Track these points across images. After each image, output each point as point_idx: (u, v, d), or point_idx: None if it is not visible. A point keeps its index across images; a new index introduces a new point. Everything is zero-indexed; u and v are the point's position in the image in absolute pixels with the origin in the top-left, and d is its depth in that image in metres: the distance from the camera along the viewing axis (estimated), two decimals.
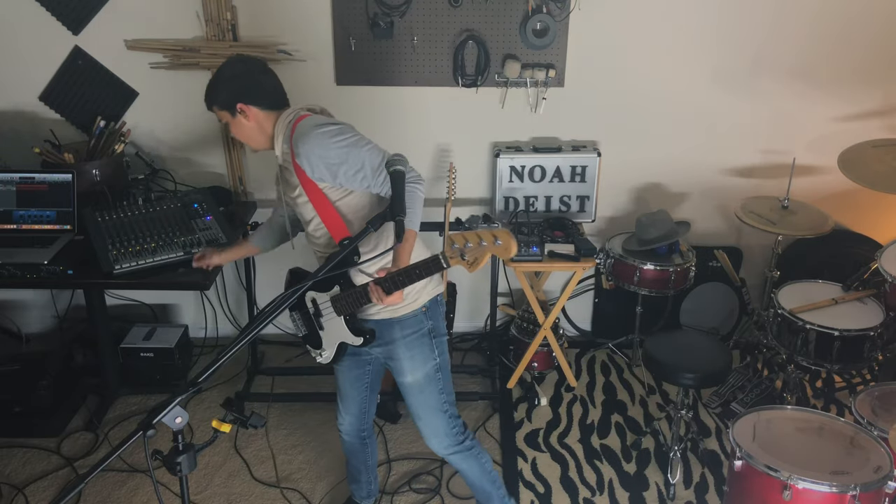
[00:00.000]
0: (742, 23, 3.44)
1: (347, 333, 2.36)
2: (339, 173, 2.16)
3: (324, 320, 2.41)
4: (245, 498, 3.05)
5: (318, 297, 2.39)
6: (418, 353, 2.41)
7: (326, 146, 2.14)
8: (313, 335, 2.48)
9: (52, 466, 3.20)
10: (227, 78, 2.27)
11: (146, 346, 3.62)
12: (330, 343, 2.44)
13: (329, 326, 2.41)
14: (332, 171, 2.16)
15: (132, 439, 1.56)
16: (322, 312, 2.40)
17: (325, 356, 2.48)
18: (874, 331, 3.01)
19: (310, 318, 2.45)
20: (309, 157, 2.15)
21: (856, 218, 3.77)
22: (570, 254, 3.37)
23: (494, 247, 1.90)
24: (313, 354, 2.54)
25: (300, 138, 2.17)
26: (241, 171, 3.67)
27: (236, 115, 2.26)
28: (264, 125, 2.29)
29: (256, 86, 2.26)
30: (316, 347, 2.50)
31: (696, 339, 3.18)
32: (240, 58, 2.36)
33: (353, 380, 2.60)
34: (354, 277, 2.29)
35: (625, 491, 3.07)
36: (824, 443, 2.49)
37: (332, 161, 2.15)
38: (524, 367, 3.59)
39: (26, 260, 2.94)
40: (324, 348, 2.47)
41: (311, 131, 2.16)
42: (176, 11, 3.39)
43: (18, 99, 3.56)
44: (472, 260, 1.94)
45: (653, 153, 3.68)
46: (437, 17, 3.40)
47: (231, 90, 2.25)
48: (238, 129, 2.30)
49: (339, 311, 2.33)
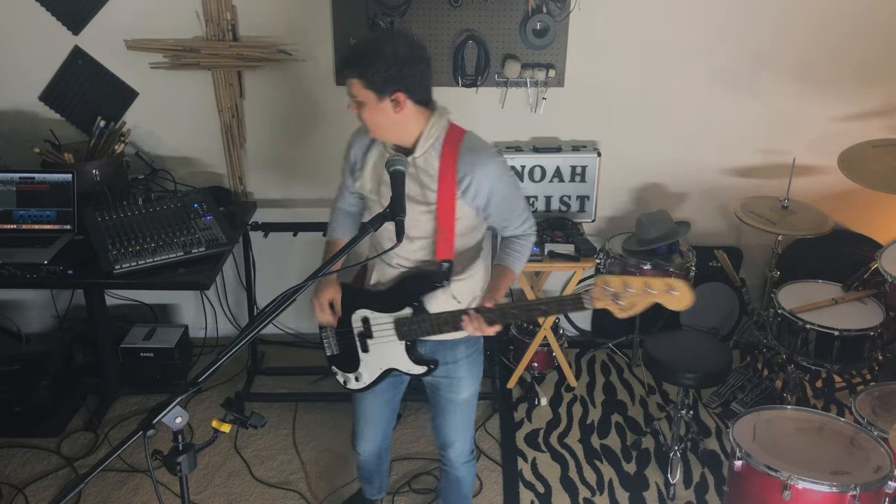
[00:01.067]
0: (742, 23, 3.43)
1: (405, 361, 2.21)
2: (492, 206, 2.09)
3: (372, 342, 2.25)
4: (245, 498, 3.05)
5: (373, 316, 2.21)
6: (476, 369, 2.35)
7: (501, 178, 2.07)
8: (348, 357, 2.30)
9: (52, 466, 3.20)
10: (390, 58, 1.94)
11: (146, 346, 3.62)
12: (372, 368, 2.28)
13: (377, 350, 2.24)
14: (493, 202, 2.08)
15: (132, 439, 1.56)
16: (373, 334, 2.23)
17: (360, 381, 2.30)
18: (874, 331, 3.01)
19: (349, 338, 2.26)
20: (481, 182, 2.04)
21: (856, 218, 3.77)
22: (570, 254, 3.37)
23: (667, 296, 1.80)
24: (340, 378, 2.36)
25: (478, 159, 2.04)
26: (241, 171, 3.67)
27: (384, 100, 1.97)
28: (412, 121, 2.04)
29: (420, 77, 2.00)
30: (348, 370, 2.32)
31: (696, 339, 3.18)
32: (405, 38, 2.01)
33: (382, 404, 2.46)
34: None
35: (625, 491, 3.07)
36: (824, 443, 2.49)
37: (498, 194, 2.07)
38: (524, 367, 3.59)
39: (26, 260, 2.94)
40: (360, 373, 2.29)
41: (491, 158, 2.06)
42: (176, 11, 3.39)
43: (18, 99, 3.56)
44: (628, 305, 1.84)
45: (653, 153, 3.68)
46: (437, 17, 3.40)
47: (393, 74, 1.95)
48: (376, 114, 2.01)
49: (403, 335, 2.18)
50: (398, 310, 2.17)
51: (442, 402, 2.39)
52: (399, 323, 2.18)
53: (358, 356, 2.29)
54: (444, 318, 2.11)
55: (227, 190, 3.63)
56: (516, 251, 2.24)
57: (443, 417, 2.42)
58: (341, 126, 3.58)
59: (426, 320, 2.14)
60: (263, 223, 3.48)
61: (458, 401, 2.36)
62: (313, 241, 3.73)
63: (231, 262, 3.82)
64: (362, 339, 2.26)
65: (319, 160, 3.67)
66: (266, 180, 3.74)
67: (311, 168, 3.70)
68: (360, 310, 2.24)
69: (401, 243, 1.87)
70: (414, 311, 2.15)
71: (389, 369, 2.28)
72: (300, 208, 3.75)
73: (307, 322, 4.01)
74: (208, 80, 3.49)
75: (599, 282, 1.86)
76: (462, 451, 2.49)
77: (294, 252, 3.79)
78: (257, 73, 3.51)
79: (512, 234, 2.24)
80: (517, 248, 2.24)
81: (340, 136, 3.63)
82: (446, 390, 2.34)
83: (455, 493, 2.63)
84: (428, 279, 2.15)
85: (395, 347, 2.22)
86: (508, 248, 2.24)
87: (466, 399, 2.37)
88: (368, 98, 1.98)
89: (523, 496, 3.04)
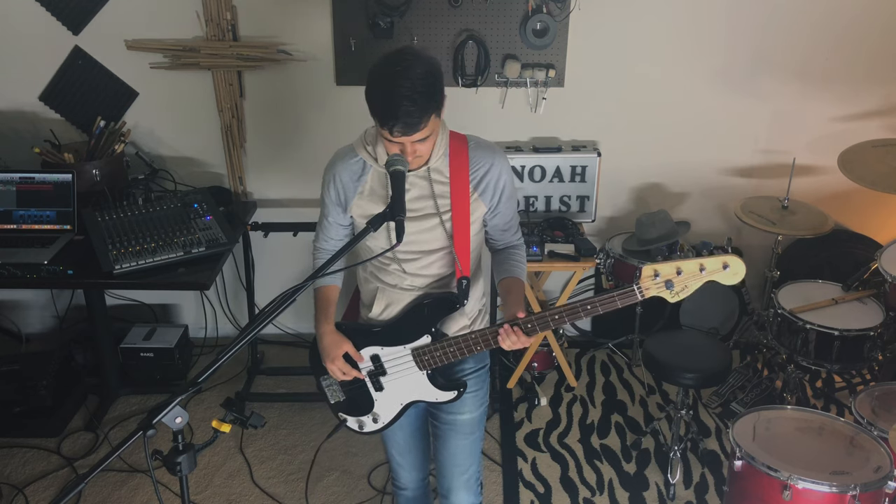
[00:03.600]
0: (742, 23, 3.43)
1: (430, 390, 2.09)
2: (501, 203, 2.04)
3: (387, 379, 2.12)
4: (245, 498, 3.05)
5: (384, 351, 2.09)
6: (482, 389, 2.21)
7: (509, 174, 2.03)
8: (358, 400, 2.17)
9: (52, 466, 3.20)
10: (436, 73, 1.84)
11: (146, 346, 3.62)
12: (390, 405, 2.15)
13: (394, 386, 2.12)
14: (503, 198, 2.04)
15: (132, 439, 1.56)
16: (388, 370, 2.11)
17: (379, 422, 2.17)
18: (874, 331, 3.01)
19: (358, 381, 2.14)
20: (494, 176, 2.00)
21: (856, 218, 3.77)
22: (570, 254, 3.37)
23: (722, 273, 1.81)
24: (354, 424, 2.21)
25: (491, 155, 2.00)
26: (241, 171, 3.67)
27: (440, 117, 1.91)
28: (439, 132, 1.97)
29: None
30: (361, 414, 2.18)
31: (696, 339, 3.17)
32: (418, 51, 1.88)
33: (413, 432, 2.29)
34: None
35: (625, 491, 3.06)
36: (824, 443, 2.49)
37: (507, 191, 2.03)
38: (524, 367, 3.59)
39: (26, 260, 2.95)
40: (376, 413, 2.16)
41: (501, 153, 2.03)
42: (176, 11, 3.39)
43: (18, 99, 3.56)
44: (681, 289, 1.83)
45: (653, 153, 3.68)
46: (437, 17, 3.40)
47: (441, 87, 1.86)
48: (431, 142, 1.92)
49: (426, 364, 2.06)
50: (415, 339, 2.06)
51: (442, 427, 2.22)
52: (419, 353, 2.05)
53: (370, 397, 2.16)
54: (472, 338, 1.99)
55: (227, 190, 3.63)
56: (519, 262, 2.15)
57: (444, 448, 2.24)
58: (341, 126, 3.60)
59: (452, 344, 2.01)
60: (263, 223, 3.48)
61: (460, 423, 2.19)
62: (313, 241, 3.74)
63: (231, 262, 3.82)
64: (374, 377, 2.13)
65: (319, 160, 3.62)
66: (266, 180, 3.74)
67: (311, 168, 3.69)
68: (367, 348, 2.11)
69: (401, 243, 1.83)
70: (433, 338, 2.05)
71: (410, 403, 2.15)
72: (300, 208, 3.75)
73: (307, 322, 4.01)
74: (208, 80, 3.49)
75: (648, 270, 1.82)
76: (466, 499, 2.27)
77: (294, 252, 3.79)
78: (257, 73, 3.51)
79: (508, 245, 2.17)
80: (519, 258, 2.16)
81: (340, 137, 3.64)
82: (447, 410, 2.18)
83: None
84: (445, 301, 2.06)
85: (415, 379, 2.10)
86: (512, 260, 2.15)
87: (469, 422, 2.19)
88: (434, 127, 1.89)
89: (523, 496, 3.04)
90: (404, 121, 1.81)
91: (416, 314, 2.08)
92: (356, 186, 2.04)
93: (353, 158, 2.05)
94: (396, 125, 1.81)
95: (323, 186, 2.11)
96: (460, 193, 1.98)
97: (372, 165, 2.02)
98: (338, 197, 2.08)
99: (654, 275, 1.82)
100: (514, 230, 2.16)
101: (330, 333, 2.11)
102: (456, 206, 1.99)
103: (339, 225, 2.14)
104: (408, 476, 2.39)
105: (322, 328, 2.12)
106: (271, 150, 3.68)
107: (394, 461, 2.38)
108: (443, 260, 2.06)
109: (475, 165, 2.01)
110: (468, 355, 2.03)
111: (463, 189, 1.98)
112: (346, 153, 2.07)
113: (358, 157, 2.04)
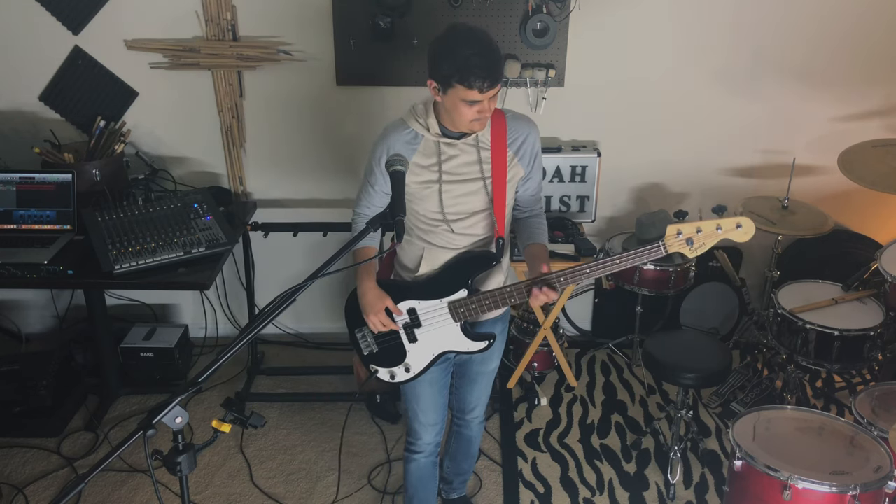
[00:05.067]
0: (742, 23, 3.43)
1: (462, 341, 2.29)
2: (534, 168, 2.28)
3: (421, 331, 2.29)
4: (245, 498, 3.05)
5: (421, 305, 2.26)
6: (504, 341, 2.52)
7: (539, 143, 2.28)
8: (390, 351, 2.32)
9: (52, 466, 3.20)
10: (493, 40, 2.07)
11: (146, 346, 3.62)
12: (423, 356, 2.31)
13: (428, 337, 2.30)
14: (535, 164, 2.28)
15: (132, 439, 1.56)
16: (423, 322, 2.28)
17: (411, 371, 2.33)
18: (874, 331, 3.01)
19: (392, 333, 2.30)
20: (531, 142, 2.23)
21: (856, 218, 3.77)
22: (570, 254, 3.37)
23: (735, 231, 2.04)
24: (385, 375, 2.36)
25: (528, 122, 2.25)
26: (241, 171, 3.67)
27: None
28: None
29: None
30: (393, 365, 2.34)
31: (696, 339, 3.18)
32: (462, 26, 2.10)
33: (440, 388, 2.45)
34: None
35: (625, 491, 3.07)
36: (824, 443, 2.49)
37: (539, 157, 2.28)
38: (524, 367, 3.59)
39: (26, 260, 2.95)
40: (408, 363, 2.33)
41: (533, 123, 2.26)
42: (176, 11, 3.39)
43: (18, 99, 3.56)
44: (699, 245, 2.06)
45: (653, 153, 3.68)
46: (436, 17, 3.39)
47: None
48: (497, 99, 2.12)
49: (461, 316, 2.25)
50: (451, 293, 2.24)
51: (471, 373, 2.52)
52: (455, 305, 2.24)
53: (403, 348, 2.33)
54: (508, 291, 2.19)
55: (227, 190, 3.63)
56: (543, 229, 2.37)
57: (470, 387, 2.56)
58: (341, 126, 3.60)
59: (487, 297, 2.21)
60: (263, 223, 3.48)
61: (488, 372, 2.52)
62: (313, 241, 3.74)
63: (231, 262, 3.82)
64: (409, 330, 2.29)
65: (319, 160, 3.67)
66: (266, 180, 3.74)
67: (311, 168, 3.70)
68: (404, 301, 2.28)
69: (401, 243, 1.91)
70: (469, 292, 2.23)
71: (442, 353, 2.32)
72: (300, 208, 3.75)
73: (307, 322, 4.02)
74: (208, 80, 3.49)
75: (672, 230, 2.05)
76: (480, 413, 2.66)
77: (294, 252, 3.79)
78: (257, 73, 3.51)
79: (532, 213, 2.38)
80: (543, 227, 2.37)
81: (340, 137, 3.65)
82: (479, 364, 2.48)
83: (464, 451, 2.73)
84: (482, 258, 2.26)
85: (449, 330, 2.28)
86: (537, 228, 2.36)
87: (494, 369, 2.54)
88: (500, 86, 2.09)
89: (523, 496, 3.04)
90: (491, 76, 2.00)
91: (455, 269, 2.27)
92: (409, 154, 2.18)
93: (405, 129, 2.21)
94: (486, 80, 1.99)
95: (373, 156, 2.25)
96: (500, 159, 2.17)
97: (424, 134, 2.18)
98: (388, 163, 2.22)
99: (677, 233, 2.05)
100: (539, 197, 2.39)
101: (373, 289, 2.26)
102: (496, 170, 2.18)
103: (384, 193, 2.27)
104: (422, 439, 2.53)
105: (365, 284, 2.27)
106: (271, 150, 3.68)
107: (416, 421, 2.50)
108: (485, 221, 2.25)
109: (514, 133, 2.21)
110: (502, 307, 2.24)
111: (502, 155, 2.18)
112: (396, 125, 2.23)
113: (410, 129, 2.20)
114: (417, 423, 2.50)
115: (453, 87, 2.02)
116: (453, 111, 2.08)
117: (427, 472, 2.61)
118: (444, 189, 2.18)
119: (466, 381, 2.56)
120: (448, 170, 2.18)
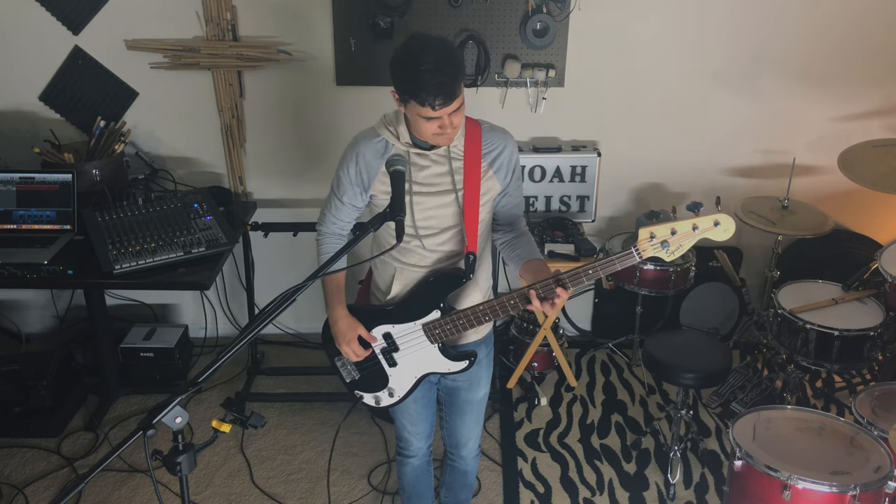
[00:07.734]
0: (742, 23, 3.43)
1: (442, 362, 2.21)
2: (512, 183, 2.18)
3: (400, 355, 2.23)
4: (245, 498, 3.05)
5: (395, 328, 2.20)
6: (491, 366, 2.41)
7: (518, 156, 2.18)
8: (372, 377, 2.27)
9: (52, 466, 3.20)
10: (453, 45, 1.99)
11: (146, 346, 3.62)
12: (404, 379, 2.25)
13: (407, 361, 2.23)
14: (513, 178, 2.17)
15: (132, 439, 1.56)
16: (400, 346, 2.22)
17: (395, 395, 2.28)
18: (874, 331, 3.01)
19: (371, 359, 2.24)
20: (507, 156, 2.14)
21: (856, 218, 3.77)
22: (570, 254, 3.37)
23: (713, 230, 1.91)
24: (370, 400, 2.31)
25: (504, 136, 2.15)
26: (241, 171, 3.67)
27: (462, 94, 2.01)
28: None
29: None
30: (376, 390, 2.29)
31: (696, 339, 3.17)
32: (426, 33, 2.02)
33: (425, 403, 2.41)
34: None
35: (625, 491, 3.07)
36: (824, 443, 2.49)
37: (517, 172, 2.18)
38: (524, 367, 3.59)
39: (26, 260, 2.95)
40: (391, 388, 2.27)
41: (509, 135, 2.17)
42: (176, 11, 3.39)
43: (18, 99, 3.56)
44: (676, 248, 1.93)
45: (653, 153, 3.68)
46: (436, 17, 3.40)
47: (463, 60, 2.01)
48: (462, 112, 2.02)
49: (437, 338, 2.17)
50: (424, 315, 2.16)
51: (459, 403, 2.40)
52: (429, 327, 2.16)
53: (384, 373, 2.26)
54: (480, 309, 2.10)
55: (227, 190, 3.63)
56: (534, 245, 2.25)
57: (460, 418, 2.44)
58: (341, 126, 3.60)
59: (461, 317, 2.12)
60: (263, 223, 3.48)
61: (476, 400, 2.40)
62: (313, 241, 3.73)
63: (231, 262, 3.82)
64: (387, 354, 2.23)
65: (319, 160, 3.67)
66: (266, 180, 3.74)
67: (310, 168, 3.70)
68: (379, 327, 2.21)
69: (401, 243, 1.89)
70: (443, 312, 2.15)
71: (424, 375, 2.26)
72: (300, 208, 3.75)
73: (307, 322, 4.02)
74: (208, 80, 3.49)
75: (645, 233, 1.92)
76: (474, 448, 2.55)
77: (294, 252, 3.79)
78: (257, 73, 3.51)
79: (520, 232, 2.27)
80: (532, 243, 2.25)
81: (340, 136, 3.65)
82: (466, 391, 2.37)
83: (460, 482, 2.67)
84: (452, 277, 2.16)
85: (427, 352, 2.20)
86: (528, 245, 2.24)
87: (482, 397, 2.42)
88: (463, 95, 1.99)
89: (523, 496, 3.04)
90: (444, 92, 1.90)
91: (426, 290, 2.18)
92: (379, 164, 2.11)
93: (376, 138, 2.12)
94: (438, 97, 1.90)
95: (342, 167, 2.17)
96: (473, 172, 2.09)
97: (394, 144, 2.10)
98: (358, 175, 2.14)
99: (651, 237, 1.92)
100: (521, 214, 2.27)
101: (344, 317, 2.20)
102: (468, 182, 2.10)
103: (353, 206, 2.20)
104: (413, 446, 2.50)
105: (336, 312, 2.21)
106: (271, 150, 3.68)
107: (405, 430, 2.46)
108: (458, 237, 2.16)
109: (489, 146, 2.13)
110: (476, 326, 2.13)
111: (475, 168, 2.10)
112: (367, 134, 2.15)
113: (380, 138, 2.12)
114: (406, 432, 2.47)
115: (409, 102, 1.94)
116: (414, 125, 2.01)
117: (422, 471, 2.60)
118: (416, 201, 2.09)
119: (455, 412, 2.44)
120: (419, 180, 2.09)
